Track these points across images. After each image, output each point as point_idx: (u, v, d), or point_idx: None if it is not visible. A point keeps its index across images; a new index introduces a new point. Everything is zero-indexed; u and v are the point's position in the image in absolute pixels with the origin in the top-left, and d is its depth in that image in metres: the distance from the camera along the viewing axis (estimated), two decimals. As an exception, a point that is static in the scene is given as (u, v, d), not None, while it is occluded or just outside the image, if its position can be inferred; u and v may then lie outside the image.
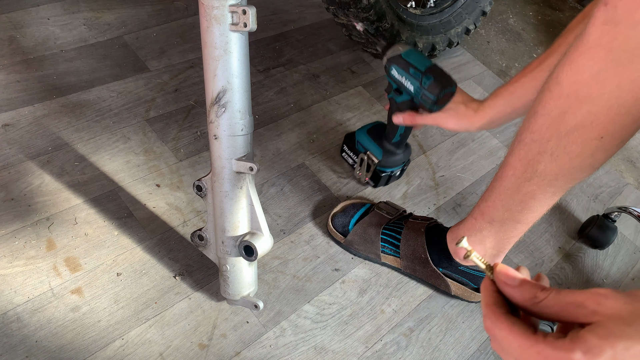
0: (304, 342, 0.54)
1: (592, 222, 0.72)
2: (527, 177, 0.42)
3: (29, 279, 0.51)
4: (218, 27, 0.38)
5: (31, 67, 0.70)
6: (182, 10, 0.85)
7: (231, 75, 0.40)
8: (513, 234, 0.49)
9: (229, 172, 0.43)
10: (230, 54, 0.39)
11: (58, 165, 0.61)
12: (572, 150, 0.38)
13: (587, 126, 0.36)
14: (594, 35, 0.33)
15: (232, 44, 0.39)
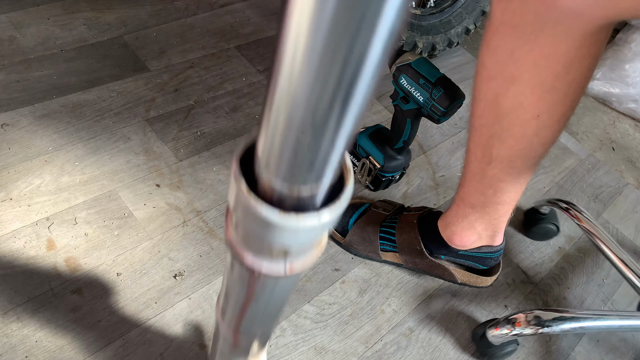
0: (304, 342, 0.54)
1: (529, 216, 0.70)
2: (486, 161, 0.42)
3: (29, 279, 0.51)
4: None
5: (31, 67, 0.70)
6: (182, 10, 0.85)
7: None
8: (499, 214, 0.49)
9: None
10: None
11: (58, 165, 0.61)
12: (515, 132, 0.38)
13: (520, 107, 0.36)
14: (496, 13, 0.33)
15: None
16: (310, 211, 0.16)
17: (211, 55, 0.80)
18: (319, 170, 0.15)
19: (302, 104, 0.13)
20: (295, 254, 0.19)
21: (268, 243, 0.18)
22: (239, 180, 0.16)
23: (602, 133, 0.94)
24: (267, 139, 0.14)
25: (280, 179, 0.15)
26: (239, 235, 0.19)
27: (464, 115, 0.86)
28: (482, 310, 0.62)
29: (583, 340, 0.63)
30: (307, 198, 0.16)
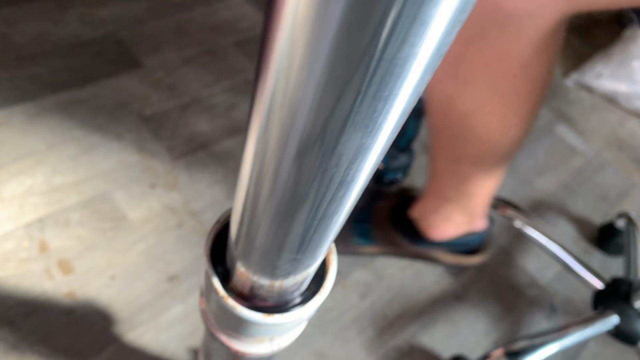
0: (303, 347, 0.53)
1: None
2: (454, 160, 0.41)
3: (22, 281, 0.50)
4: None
5: (23, 64, 0.68)
6: (178, 5, 0.83)
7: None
8: (475, 205, 0.48)
9: None
10: None
11: (51, 164, 0.59)
12: (479, 133, 0.37)
13: (481, 109, 0.35)
14: None
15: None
16: (291, 306, 0.15)
17: (208, 51, 0.78)
18: (300, 271, 0.13)
19: (272, 237, 0.11)
20: (281, 337, 0.18)
21: (251, 334, 0.17)
22: (212, 280, 0.15)
23: (610, 132, 0.92)
24: (239, 238, 0.13)
25: (256, 276, 0.14)
26: (216, 321, 0.18)
27: (467, 113, 0.84)
28: (486, 314, 0.61)
29: (590, 345, 0.62)
30: (289, 291, 0.15)
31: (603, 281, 0.57)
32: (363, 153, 0.09)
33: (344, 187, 0.10)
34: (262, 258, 0.13)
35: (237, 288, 0.15)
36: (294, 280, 0.14)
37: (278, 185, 0.10)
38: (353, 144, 0.09)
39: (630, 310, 0.52)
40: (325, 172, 0.09)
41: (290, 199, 0.10)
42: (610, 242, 0.70)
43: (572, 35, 1.09)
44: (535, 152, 0.83)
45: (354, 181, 0.10)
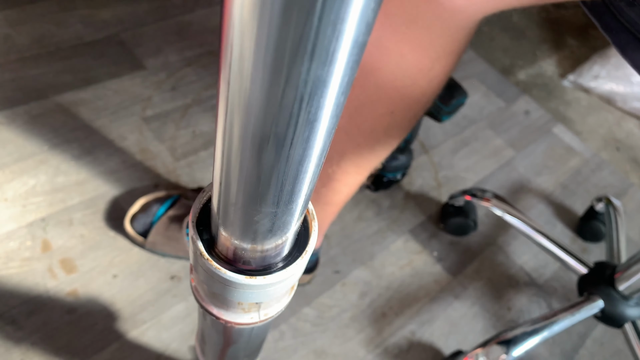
0: (303, 345, 0.53)
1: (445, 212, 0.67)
2: (328, 156, 0.40)
3: (24, 280, 0.51)
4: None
5: (26, 65, 0.69)
6: (180, 7, 0.84)
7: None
8: (325, 215, 0.47)
9: None
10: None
11: (53, 165, 0.60)
12: (365, 128, 0.37)
13: (376, 101, 0.35)
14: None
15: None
16: (274, 267, 0.16)
17: (209, 53, 0.79)
18: (279, 230, 0.14)
19: (248, 188, 0.12)
20: (267, 304, 0.18)
21: (237, 300, 0.17)
22: (197, 244, 0.15)
23: (607, 132, 0.93)
24: (219, 204, 0.14)
25: (238, 241, 0.14)
26: (204, 290, 0.18)
27: (467, 114, 0.85)
28: (485, 312, 0.62)
29: (587, 343, 0.62)
30: (271, 254, 0.15)
31: (587, 266, 0.57)
32: (321, 87, 0.09)
33: (308, 128, 0.10)
34: (242, 218, 0.13)
35: (221, 253, 0.15)
36: (274, 242, 0.14)
37: (247, 126, 0.10)
38: (310, 76, 0.09)
39: (614, 294, 0.52)
40: (286, 107, 0.10)
41: (258, 141, 0.11)
42: (591, 226, 0.70)
43: (570, 37, 1.10)
44: (533, 152, 0.83)
45: (317, 121, 0.10)
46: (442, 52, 0.32)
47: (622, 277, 0.52)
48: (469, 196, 0.63)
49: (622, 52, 0.28)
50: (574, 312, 0.52)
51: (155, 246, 0.53)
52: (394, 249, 0.64)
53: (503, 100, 0.90)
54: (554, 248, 0.59)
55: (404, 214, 0.68)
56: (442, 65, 0.33)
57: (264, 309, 0.19)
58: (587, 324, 0.63)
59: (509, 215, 0.61)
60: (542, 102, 0.93)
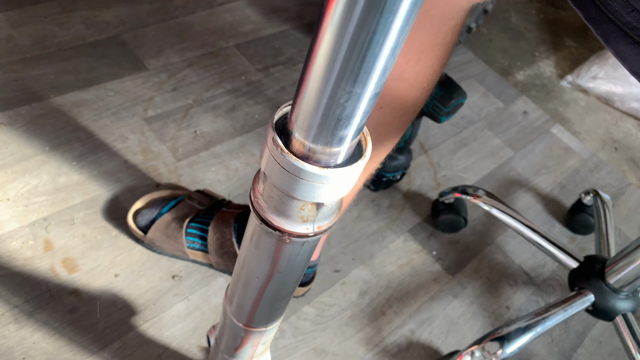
0: (303, 344, 0.54)
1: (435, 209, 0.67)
2: None
3: (26, 280, 0.51)
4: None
5: (28, 66, 0.69)
6: (181, 8, 0.84)
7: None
8: None
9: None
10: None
11: (55, 165, 0.60)
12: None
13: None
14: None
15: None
16: (338, 166, 0.18)
17: (210, 54, 0.79)
18: (348, 129, 0.17)
19: (340, 59, 0.14)
20: (324, 211, 0.21)
21: (302, 200, 0.19)
22: (277, 142, 0.18)
23: (605, 133, 0.93)
24: (303, 102, 0.16)
25: (312, 140, 0.17)
26: (267, 199, 0.21)
27: (466, 115, 0.85)
28: (484, 311, 0.62)
29: (585, 342, 0.63)
30: (335, 157, 0.18)
31: (577, 260, 0.57)
32: None
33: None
34: (325, 106, 0.16)
35: (295, 153, 0.18)
36: (340, 146, 0.17)
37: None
38: None
39: (604, 287, 0.53)
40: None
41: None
42: (579, 218, 0.71)
43: (568, 38, 1.11)
44: (532, 152, 0.84)
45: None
46: (428, 43, 0.32)
47: (612, 270, 0.53)
48: (458, 193, 0.63)
49: (606, 42, 0.28)
50: (566, 307, 0.52)
51: (154, 242, 0.54)
52: (394, 248, 0.65)
53: (502, 101, 0.91)
54: (544, 242, 0.59)
55: (403, 214, 0.69)
56: (429, 57, 0.33)
57: (319, 220, 0.21)
58: (586, 323, 0.64)
59: (497, 211, 0.61)
60: (540, 103, 0.94)
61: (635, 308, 0.53)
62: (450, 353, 0.54)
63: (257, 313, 0.28)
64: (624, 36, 0.27)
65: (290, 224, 0.21)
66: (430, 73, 0.34)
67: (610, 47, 0.28)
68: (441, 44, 0.32)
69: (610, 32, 0.27)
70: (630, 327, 0.52)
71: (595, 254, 0.58)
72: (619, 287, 0.52)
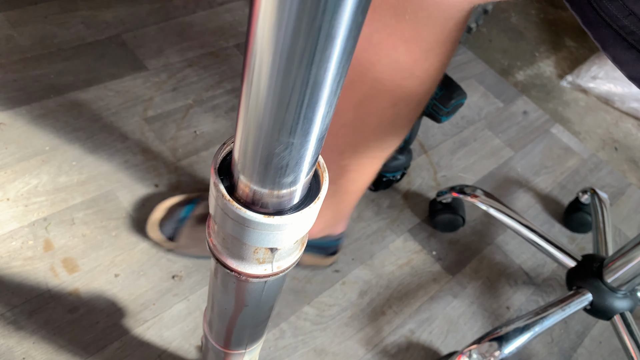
0: (303, 344, 0.54)
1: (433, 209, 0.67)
2: (338, 150, 0.41)
3: (27, 280, 0.51)
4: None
5: (28, 66, 0.69)
6: (181, 8, 0.84)
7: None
8: (346, 204, 0.48)
9: None
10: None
11: (55, 165, 0.60)
12: (371, 122, 0.37)
13: (377, 95, 0.35)
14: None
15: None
16: (289, 211, 0.17)
17: (210, 54, 0.79)
18: (294, 175, 0.15)
19: (271, 113, 0.13)
20: (280, 255, 0.19)
21: (253, 246, 0.18)
22: (219, 187, 0.16)
23: (605, 133, 0.93)
24: (241, 147, 0.15)
25: (257, 185, 0.15)
26: (220, 242, 0.19)
27: (466, 115, 0.85)
28: (483, 311, 0.62)
29: (585, 342, 0.63)
30: (286, 199, 0.16)
31: (575, 259, 0.57)
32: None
33: (329, 45, 0.11)
34: (262, 151, 0.14)
35: (241, 199, 0.17)
36: (289, 185, 0.16)
37: (278, 39, 0.11)
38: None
39: (602, 287, 0.52)
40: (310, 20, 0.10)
41: (285, 57, 0.11)
42: (576, 218, 0.71)
43: (568, 38, 1.11)
44: (532, 152, 0.84)
45: (335, 38, 0.11)
46: (434, 42, 0.32)
47: (609, 269, 0.52)
48: (456, 192, 0.63)
49: (603, 46, 0.29)
50: (564, 306, 0.52)
51: (187, 249, 0.54)
52: (394, 248, 0.65)
53: (501, 101, 0.91)
54: (542, 241, 0.59)
55: (403, 214, 0.69)
56: (436, 54, 0.33)
57: (277, 261, 0.19)
58: (586, 323, 0.64)
59: (495, 210, 0.61)
60: (540, 103, 0.94)
61: (633, 307, 0.53)
62: (448, 354, 0.54)
63: (232, 339, 0.27)
64: (621, 40, 0.27)
65: (247, 266, 0.19)
66: (438, 67, 0.35)
67: (608, 52, 0.28)
68: (446, 41, 0.33)
69: (607, 37, 0.28)
70: (629, 326, 0.52)
71: (593, 253, 0.58)
72: (616, 286, 0.52)
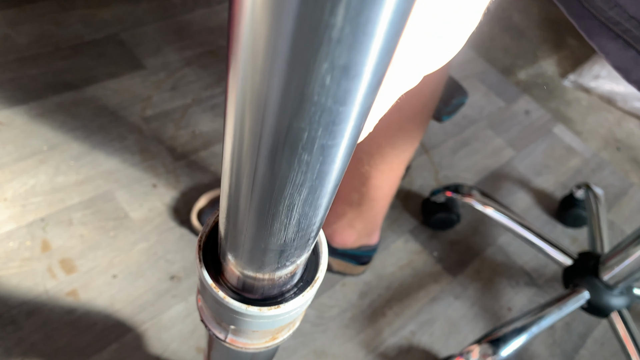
0: (303, 345, 0.53)
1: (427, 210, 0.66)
2: (356, 157, 0.42)
3: (24, 280, 0.51)
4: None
5: (26, 65, 0.69)
6: (179, 6, 0.84)
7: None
8: (375, 211, 0.49)
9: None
10: None
11: (53, 165, 0.60)
12: (379, 127, 0.38)
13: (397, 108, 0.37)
14: None
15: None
16: (281, 297, 0.15)
17: (208, 52, 0.79)
18: (288, 259, 0.13)
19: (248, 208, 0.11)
20: (282, 332, 0.18)
21: (241, 326, 0.17)
22: (201, 272, 0.15)
23: (607, 132, 0.92)
24: (228, 229, 0.13)
25: (245, 269, 0.14)
26: (212, 316, 0.18)
27: (467, 114, 0.85)
28: (485, 313, 0.61)
29: (587, 343, 0.62)
30: (279, 284, 0.15)
31: (571, 257, 0.57)
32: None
33: (329, 131, 0.09)
34: (249, 252, 0.13)
35: (228, 281, 0.15)
36: (282, 272, 0.14)
37: (260, 127, 0.09)
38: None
39: (599, 284, 0.52)
40: (305, 101, 0.08)
41: (271, 146, 0.10)
42: (570, 213, 0.70)
43: (570, 37, 1.10)
44: (534, 152, 0.83)
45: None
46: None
47: (605, 267, 0.52)
48: (450, 192, 0.63)
49: (589, 36, 0.28)
50: (561, 305, 0.52)
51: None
52: (394, 249, 0.64)
53: (503, 100, 0.90)
54: (537, 240, 0.59)
55: (404, 214, 0.68)
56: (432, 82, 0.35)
57: (280, 336, 0.18)
58: (588, 324, 0.63)
59: (491, 210, 0.61)
60: (542, 102, 0.93)
61: (629, 304, 0.53)
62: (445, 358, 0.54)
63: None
64: (607, 31, 0.27)
65: (232, 337, 0.18)
66: (442, 68, 0.35)
67: (594, 41, 0.28)
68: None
69: (593, 27, 0.27)
70: (626, 324, 0.52)
71: (589, 251, 0.58)
72: (613, 284, 0.52)
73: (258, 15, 0.08)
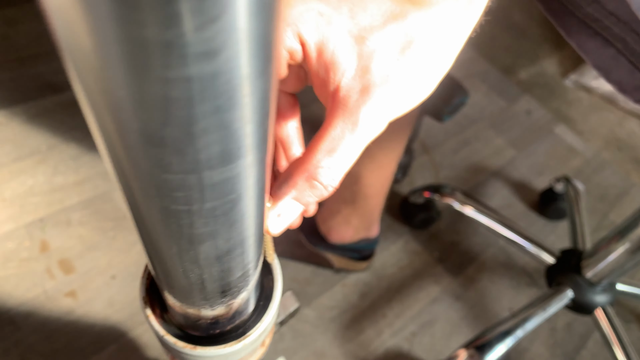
0: (303, 346, 0.53)
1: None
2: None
3: (23, 281, 0.50)
4: None
5: (24, 64, 0.68)
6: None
7: None
8: (370, 207, 0.49)
9: None
10: None
11: (52, 165, 0.60)
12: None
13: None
14: None
15: None
16: (229, 335, 0.14)
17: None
18: (225, 294, 0.13)
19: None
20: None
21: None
22: (145, 308, 0.15)
23: (609, 132, 0.92)
24: (155, 272, 0.13)
25: (184, 305, 0.13)
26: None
27: (468, 114, 0.84)
28: (485, 313, 0.61)
29: (588, 344, 0.62)
30: (221, 322, 0.14)
31: (554, 255, 0.56)
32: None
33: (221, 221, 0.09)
34: (175, 280, 0.12)
35: (174, 318, 0.15)
36: (219, 309, 0.13)
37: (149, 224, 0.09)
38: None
39: (582, 282, 0.52)
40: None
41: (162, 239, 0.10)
42: (551, 207, 0.70)
43: (572, 36, 1.10)
44: (535, 152, 0.83)
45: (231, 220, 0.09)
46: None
47: (587, 264, 0.51)
48: (427, 193, 0.62)
49: (567, 34, 0.28)
50: (545, 306, 0.51)
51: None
52: (395, 249, 0.64)
53: (504, 100, 0.90)
54: (519, 239, 0.58)
55: (405, 215, 0.68)
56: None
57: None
58: (589, 325, 0.63)
59: (471, 209, 0.60)
60: (543, 102, 0.93)
61: (612, 300, 0.52)
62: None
63: None
64: (586, 28, 0.26)
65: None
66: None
67: (572, 40, 0.27)
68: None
69: (571, 24, 0.27)
70: (610, 320, 0.52)
71: (571, 248, 0.57)
72: (596, 281, 0.51)
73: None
